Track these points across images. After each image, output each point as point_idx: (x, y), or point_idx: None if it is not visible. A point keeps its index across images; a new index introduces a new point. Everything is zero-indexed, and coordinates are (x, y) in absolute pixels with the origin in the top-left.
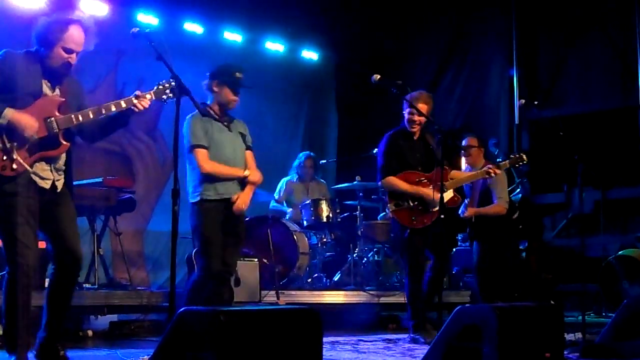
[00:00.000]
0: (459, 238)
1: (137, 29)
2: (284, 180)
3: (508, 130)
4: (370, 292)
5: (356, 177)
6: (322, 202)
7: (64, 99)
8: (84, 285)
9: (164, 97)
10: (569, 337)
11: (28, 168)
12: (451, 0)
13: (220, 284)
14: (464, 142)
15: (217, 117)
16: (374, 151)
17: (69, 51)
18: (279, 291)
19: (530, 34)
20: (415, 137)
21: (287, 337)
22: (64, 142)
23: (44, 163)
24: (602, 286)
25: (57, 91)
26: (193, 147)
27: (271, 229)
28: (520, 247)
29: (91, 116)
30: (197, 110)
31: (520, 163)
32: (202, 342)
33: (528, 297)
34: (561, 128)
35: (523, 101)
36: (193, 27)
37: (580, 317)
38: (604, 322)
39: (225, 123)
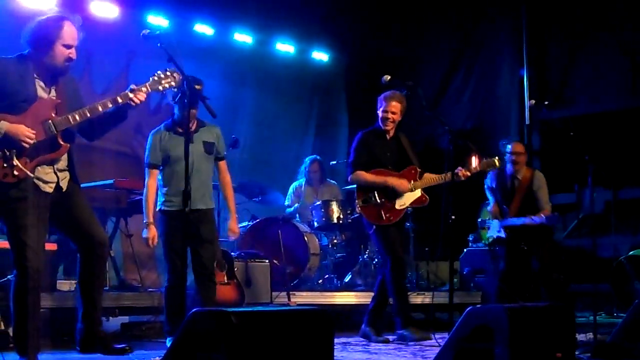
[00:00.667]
0: (470, 239)
1: (148, 30)
2: (293, 185)
3: (519, 130)
4: None
5: None
6: (332, 203)
7: (59, 100)
8: None
9: (160, 87)
10: (581, 337)
11: (29, 174)
12: (461, 1)
13: (200, 285)
14: (508, 148)
15: (179, 131)
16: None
17: (68, 46)
18: (290, 292)
19: (540, 34)
20: (388, 136)
21: (299, 338)
22: (64, 144)
23: (45, 166)
24: (613, 286)
25: (53, 92)
26: (146, 166)
27: (282, 230)
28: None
29: (88, 115)
30: (162, 125)
31: (493, 168)
32: (214, 343)
33: (539, 297)
34: (572, 128)
35: (533, 102)
36: (203, 28)
37: (591, 317)
38: (615, 322)
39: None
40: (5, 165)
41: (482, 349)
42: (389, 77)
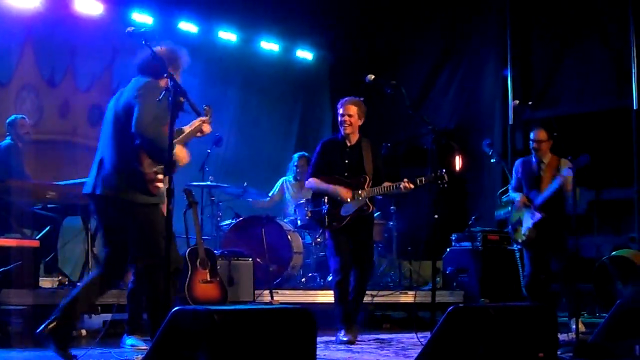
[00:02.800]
0: (453, 238)
1: (133, 28)
2: (281, 179)
3: (502, 130)
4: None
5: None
6: None
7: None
8: (77, 284)
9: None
10: (562, 337)
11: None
12: (446, 1)
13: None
14: (532, 135)
15: None
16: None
17: None
18: (273, 291)
19: (524, 34)
20: (349, 143)
21: (281, 336)
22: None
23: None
24: (595, 286)
25: None
26: None
27: (265, 228)
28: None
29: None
30: None
31: (440, 183)
32: (196, 341)
33: (522, 297)
34: (555, 128)
35: (517, 102)
36: (188, 26)
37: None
38: (597, 322)
39: None
40: (155, 178)
41: (464, 348)
42: (372, 77)
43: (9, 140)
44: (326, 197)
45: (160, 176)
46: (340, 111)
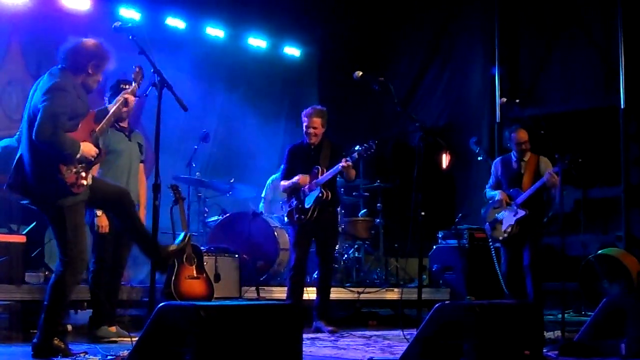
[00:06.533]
0: (440, 236)
1: (120, 23)
2: (271, 177)
3: (490, 128)
4: (351, 288)
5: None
6: None
7: (94, 111)
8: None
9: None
10: (549, 335)
11: (89, 182)
12: None
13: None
14: (513, 137)
15: (118, 127)
16: (357, 148)
17: None
18: (259, 287)
19: (512, 32)
20: (313, 146)
21: (267, 332)
22: (103, 150)
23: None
24: (581, 285)
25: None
26: None
27: (251, 224)
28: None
29: (112, 121)
30: None
31: (370, 153)
32: (182, 337)
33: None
34: (543, 127)
35: (505, 99)
36: (175, 22)
37: (559, 315)
38: (583, 320)
39: (126, 133)
40: (77, 179)
41: (450, 345)
42: (360, 73)
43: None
44: (294, 196)
45: (84, 174)
46: (306, 123)
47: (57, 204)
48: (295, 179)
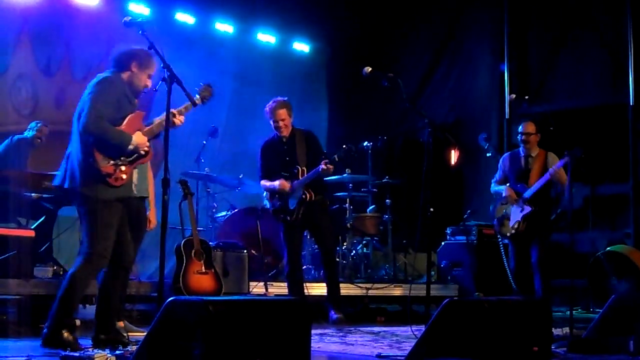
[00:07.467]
0: (448, 232)
1: (130, 17)
2: None
3: (499, 125)
4: (359, 284)
5: (346, 170)
6: None
7: (143, 112)
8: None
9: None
10: (557, 331)
11: (128, 179)
12: None
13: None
14: (520, 128)
15: None
16: (365, 144)
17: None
18: (268, 283)
19: (521, 29)
20: (285, 139)
21: (276, 328)
22: (150, 151)
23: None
24: (590, 282)
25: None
26: None
27: (260, 220)
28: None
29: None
30: None
31: (351, 155)
32: (191, 331)
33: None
34: (551, 123)
35: (514, 96)
36: (184, 17)
37: (568, 312)
38: (591, 317)
39: None
40: (115, 171)
41: (459, 342)
42: (369, 69)
43: (26, 135)
44: (277, 195)
45: (124, 167)
46: (273, 118)
47: (92, 195)
48: (276, 183)
